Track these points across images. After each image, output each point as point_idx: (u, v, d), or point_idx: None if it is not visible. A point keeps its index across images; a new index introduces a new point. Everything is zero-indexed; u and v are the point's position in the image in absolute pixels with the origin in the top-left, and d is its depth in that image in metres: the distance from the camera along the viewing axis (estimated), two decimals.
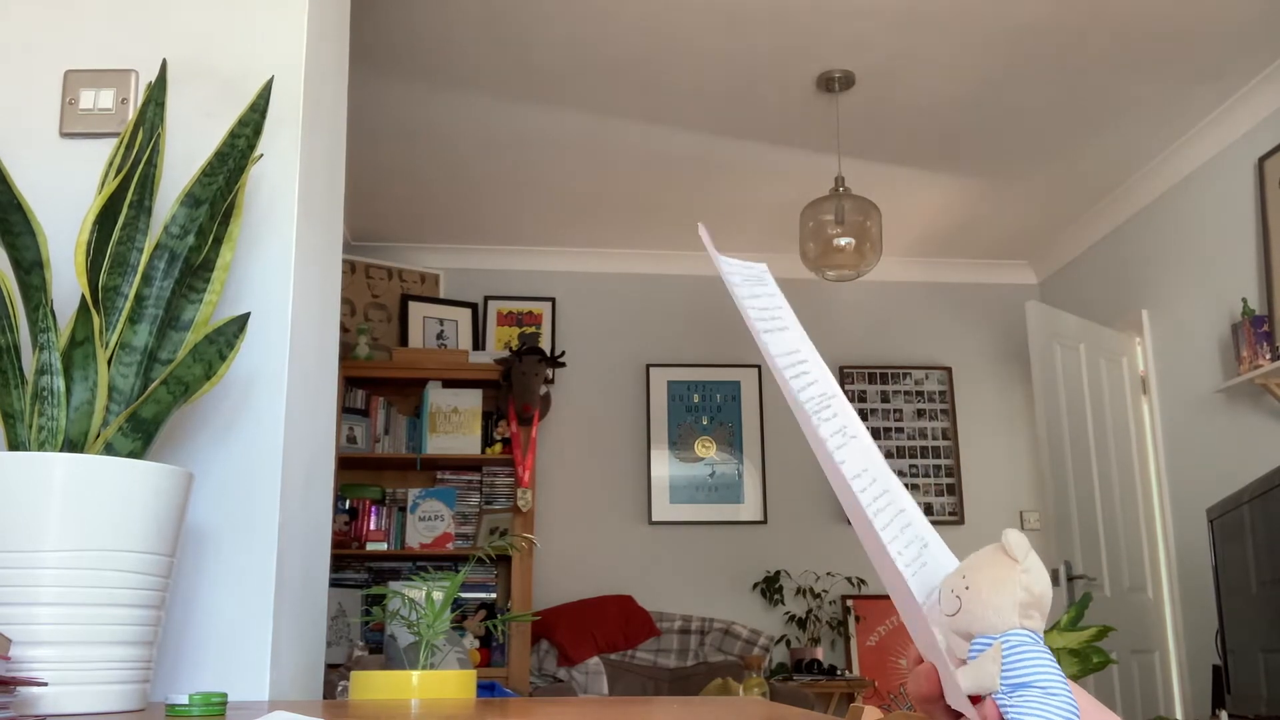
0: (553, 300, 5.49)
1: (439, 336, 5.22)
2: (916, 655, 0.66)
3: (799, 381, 0.73)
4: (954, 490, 5.47)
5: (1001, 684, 0.59)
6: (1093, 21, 3.52)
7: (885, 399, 5.55)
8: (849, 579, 5.29)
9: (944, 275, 5.73)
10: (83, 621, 1.09)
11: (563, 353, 4.97)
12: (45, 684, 1.06)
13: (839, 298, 5.63)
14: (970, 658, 0.61)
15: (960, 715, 0.62)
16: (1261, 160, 3.93)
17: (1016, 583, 0.60)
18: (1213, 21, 3.52)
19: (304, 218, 1.60)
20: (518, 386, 4.76)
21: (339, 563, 4.75)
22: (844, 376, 5.53)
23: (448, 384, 4.93)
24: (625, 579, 5.20)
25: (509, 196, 4.90)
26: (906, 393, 5.57)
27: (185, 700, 1.06)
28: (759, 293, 0.80)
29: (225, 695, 1.09)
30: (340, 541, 4.68)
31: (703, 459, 5.39)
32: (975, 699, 0.60)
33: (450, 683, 1.30)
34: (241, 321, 1.30)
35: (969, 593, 0.61)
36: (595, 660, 4.67)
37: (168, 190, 1.45)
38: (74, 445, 1.18)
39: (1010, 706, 0.58)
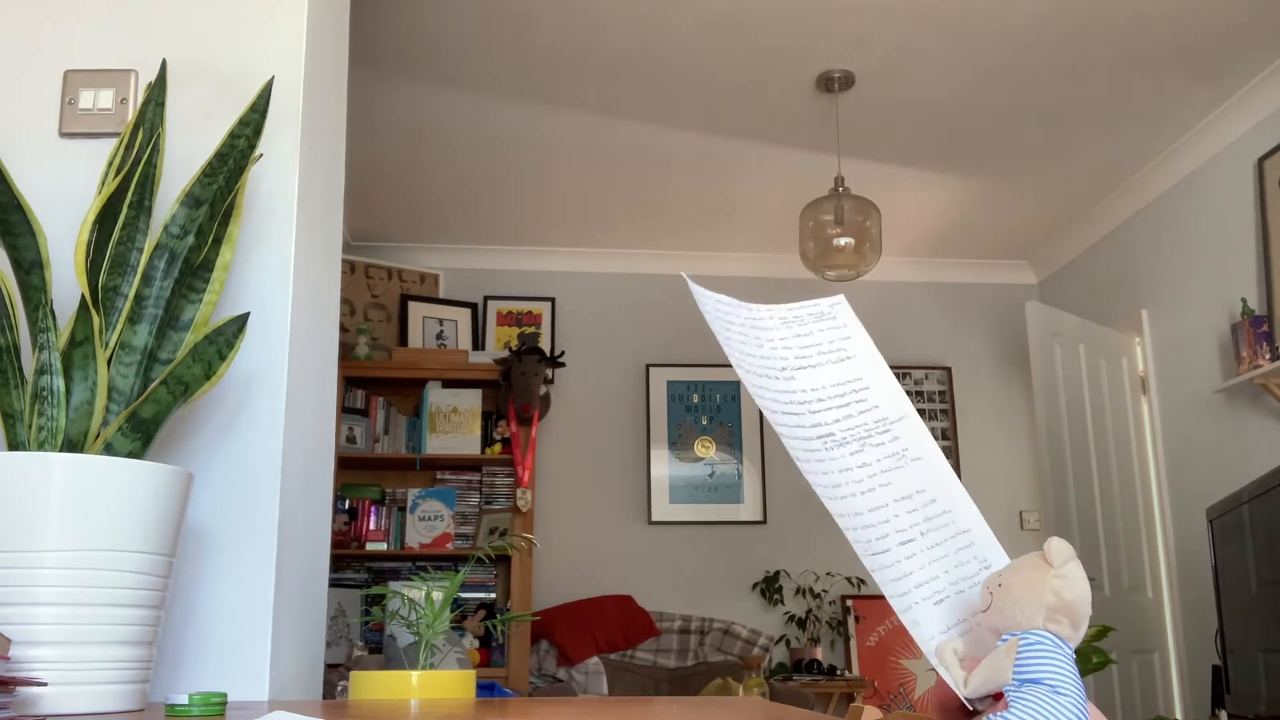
0: (552, 300, 5.49)
1: (439, 336, 5.22)
2: None
3: (809, 420, 0.78)
4: None
5: (1014, 678, 0.60)
6: (1093, 21, 3.52)
7: None
8: (848, 579, 5.29)
9: (944, 275, 5.73)
10: (83, 621, 1.09)
11: (562, 353, 4.97)
12: (45, 684, 1.05)
13: None
14: None
15: (972, 715, 0.64)
16: (1261, 160, 3.93)
17: (1048, 586, 0.62)
18: (1213, 21, 3.52)
19: (304, 218, 1.60)
20: (517, 386, 4.76)
21: (339, 563, 4.75)
22: None
23: (447, 384, 4.93)
24: (625, 579, 5.20)
25: (509, 196, 4.90)
26: (906, 393, 5.57)
27: (185, 700, 1.06)
28: (812, 329, 0.84)
29: (225, 695, 1.09)
30: (340, 541, 4.68)
31: (702, 459, 5.38)
32: (998, 695, 0.62)
33: (449, 683, 1.30)
34: (241, 321, 1.30)
35: (1000, 590, 0.63)
36: (595, 660, 4.67)
37: (168, 190, 1.45)
38: (74, 445, 1.18)
39: (1016, 696, 0.59)
